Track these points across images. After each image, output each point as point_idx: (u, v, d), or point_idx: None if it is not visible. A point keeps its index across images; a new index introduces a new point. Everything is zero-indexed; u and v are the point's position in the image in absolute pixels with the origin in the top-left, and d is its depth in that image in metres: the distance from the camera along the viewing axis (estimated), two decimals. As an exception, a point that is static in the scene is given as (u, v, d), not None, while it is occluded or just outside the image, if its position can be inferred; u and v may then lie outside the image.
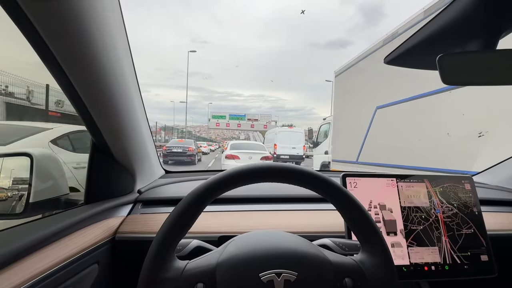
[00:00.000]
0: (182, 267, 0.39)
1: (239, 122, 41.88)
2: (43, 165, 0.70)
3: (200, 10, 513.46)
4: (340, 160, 5.16)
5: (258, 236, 0.45)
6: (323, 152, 6.65)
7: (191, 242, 0.50)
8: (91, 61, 0.49)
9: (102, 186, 0.73)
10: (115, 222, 0.69)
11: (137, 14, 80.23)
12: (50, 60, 0.46)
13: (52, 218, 0.58)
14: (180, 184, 0.97)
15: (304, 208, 0.81)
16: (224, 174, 0.40)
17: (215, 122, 41.26)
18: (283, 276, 0.38)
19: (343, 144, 5.12)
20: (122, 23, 0.58)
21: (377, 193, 0.69)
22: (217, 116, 41.66)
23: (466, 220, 0.69)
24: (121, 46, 0.58)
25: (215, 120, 41.27)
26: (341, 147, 5.24)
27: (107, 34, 0.51)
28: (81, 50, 0.46)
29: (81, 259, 0.54)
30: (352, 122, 4.67)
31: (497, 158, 1.20)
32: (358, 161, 4.34)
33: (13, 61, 5.52)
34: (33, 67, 4.89)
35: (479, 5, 0.48)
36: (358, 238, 0.44)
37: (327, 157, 6.33)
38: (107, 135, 0.65)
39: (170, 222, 0.39)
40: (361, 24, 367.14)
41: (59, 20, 0.41)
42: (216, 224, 0.71)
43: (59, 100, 4.56)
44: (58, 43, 0.44)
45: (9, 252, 0.42)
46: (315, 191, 0.42)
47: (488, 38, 0.51)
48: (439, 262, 0.65)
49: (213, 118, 41.51)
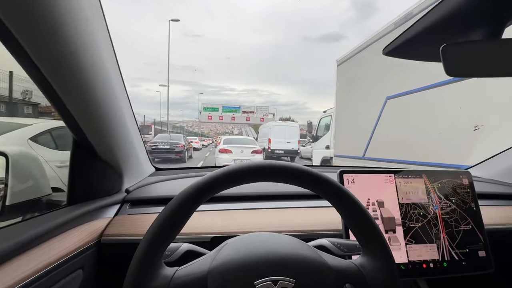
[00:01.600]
0: (170, 275, 0.36)
1: (233, 115, 37.63)
2: (20, 165, 0.65)
3: (192, 3, 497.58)
4: (344, 155, 4.71)
5: (253, 240, 0.42)
6: (324, 146, 6.20)
7: (181, 246, 0.47)
8: (64, 53, 0.44)
9: (86, 186, 0.68)
10: (101, 224, 0.65)
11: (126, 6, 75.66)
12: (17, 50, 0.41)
13: (32, 221, 0.54)
14: (171, 182, 0.93)
15: (297, 206, 0.79)
16: (220, 172, 0.37)
17: (207, 115, 36.81)
18: (280, 284, 0.35)
19: (347, 138, 4.66)
20: (101, 12, 0.53)
21: (375, 190, 0.67)
22: (209, 108, 37.13)
23: (464, 216, 0.68)
24: (101, 38, 0.53)
25: (206, 112, 36.77)
26: (344, 141, 4.76)
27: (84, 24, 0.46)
28: (52, 38, 0.42)
29: (64, 265, 0.50)
30: (358, 114, 4.19)
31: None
32: (365, 156, 3.86)
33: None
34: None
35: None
36: (358, 239, 0.41)
37: (328, 152, 5.87)
38: (88, 131, 0.60)
39: (159, 224, 0.36)
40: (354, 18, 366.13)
41: (30, 15, 0.36)
42: (208, 224, 0.67)
43: (26, 90, 4.02)
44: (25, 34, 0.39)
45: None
46: (313, 191, 0.39)
47: (493, 26, 0.48)
48: (437, 259, 0.64)
49: (204, 110, 36.89)
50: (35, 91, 4.17)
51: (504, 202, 0.92)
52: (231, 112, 37.66)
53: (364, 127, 3.85)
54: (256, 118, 38.06)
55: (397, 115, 3.24)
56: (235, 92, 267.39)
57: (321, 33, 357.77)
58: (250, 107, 39.25)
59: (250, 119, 38.39)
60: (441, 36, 0.54)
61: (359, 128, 4.07)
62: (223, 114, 37.16)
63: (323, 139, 6.46)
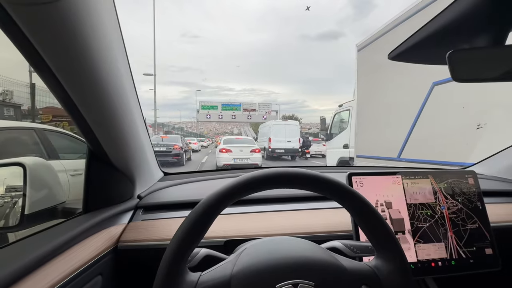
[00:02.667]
0: (195, 280, 0.38)
1: (233, 113, 34.93)
2: (37, 174, 0.67)
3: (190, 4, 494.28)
4: (369, 156, 3.95)
5: (270, 244, 0.44)
6: (341, 145, 5.41)
7: (200, 251, 0.48)
8: (86, 68, 0.46)
9: (100, 194, 0.70)
10: (117, 231, 0.66)
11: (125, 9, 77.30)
12: (42, 68, 0.43)
13: (52, 230, 0.55)
14: (181, 186, 0.94)
15: (306, 207, 0.81)
16: (243, 178, 0.39)
17: (205, 114, 34.10)
18: (300, 287, 0.37)
19: (372, 135, 3.86)
20: (117, 26, 0.55)
21: (383, 191, 0.69)
22: (208, 106, 34.31)
23: (470, 215, 0.70)
24: (116, 49, 0.55)
25: (205, 111, 34.00)
26: (369, 139, 3.94)
27: (103, 38, 0.47)
28: (76, 57, 0.43)
29: (84, 272, 0.52)
30: (388, 106, 3.44)
31: None
32: (401, 157, 3.15)
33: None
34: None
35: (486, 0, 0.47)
36: (371, 242, 0.43)
37: (347, 152, 5.13)
38: (104, 142, 0.62)
39: (185, 230, 0.37)
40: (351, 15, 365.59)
41: (51, 26, 0.37)
42: (221, 228, 0.69)
43: (6, 90, 3.78)
44: (51, 51, 0.41)
45: (8, 274, 0.39)
46: (330, 197, 0.41)
47: (496, 33, 0.50)
48: (445, 258, 0.66)
49: (202, 109, 33.97)
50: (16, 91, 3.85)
51: (508, 199, 0.93)
52: (231, 110, 35.08)
53: (398, 122, 3.16)
54: (258, 116, 35.45)
55: (448, 105, 2.51)
56: (233, 92, 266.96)
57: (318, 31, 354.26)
58: (252, 104, 36.04)
59: (251, 117, 35.76)
60: (446, 41, 0.56)
61: (390, 122, 3.35)
62: (222, 113, 34.65)
63: (339, 136, 5.70)
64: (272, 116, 33.64)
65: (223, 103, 35.12)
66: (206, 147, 28.55)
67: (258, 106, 35.97)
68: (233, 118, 35.64)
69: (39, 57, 0.41)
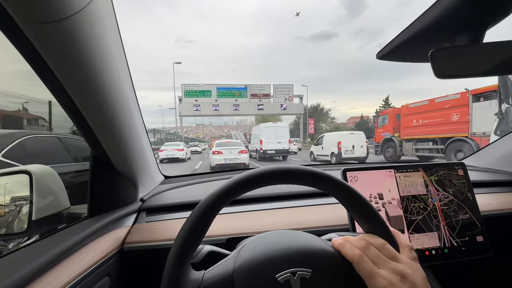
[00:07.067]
0: (199, 278, 0.39)
1: (236, 100, 23.93)
2: (42, 181, 0.69)
3: (184, 9, 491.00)
4: None
5: (268, 238, 0.46)
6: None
7: (204, 247, 0.51)
8: (91, 77, 0.49)
9: (105, 198, 0.72)
10: (122, 233, 0.68)
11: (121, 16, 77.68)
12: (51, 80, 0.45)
13: (59, 234, 0.58)
14: (181, 189, 0.97)
15: (304, 204, 0.83)
16: (241, 176, 0.41)
17: (191, 105, 22.78)
18: (298, 275, 0.39)
19: None
20: (118, 35, 0.58)
21: (377, 185, 0.72)
22: (194, 92, 22.25)
23: (461, 206, 0.73)
24: (118, 58, 0.57)
25: (191, 100, 22.41)
26: None
27: (106, 48, 0.50)
28: (82, 68, 0.46)
29: (92, 274, 0.54)
30: None
31: None
32: None
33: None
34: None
35: (463, 0, 0.50)
36: (363, 227, 0.46)
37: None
38: (107, 147, 0.64)
39: (187, 231, 0.39)
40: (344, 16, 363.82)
41: (61, 41, 0.40)
42: (223, 227, 0.72)
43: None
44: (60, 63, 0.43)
45: (21, 277, 0.41)
46: (323, 191, 0.43)
47: (474, 32, 0.53)
48: (439, 246, 0.68)
49: (186, 96, 22.34)
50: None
51: (499, 189, 0.97)
52: (232, 97, 23.99)
53: None
54: (273, 105, 23.72)
55: None
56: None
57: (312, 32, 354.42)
58: (264, 87, 23.45)
59: (264, 107, 23.77)
60: (430, 40, 0.59)
61: None
62: (218, 101, 23.66)
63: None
64: (294, 105, 22.72)
65: (219, 86, 23.29)
66: (200, 152, 22.70)
67: (274, 90, 24.03)
68: (236, 109, 23.94)
69: (48, 70, 0.43)
